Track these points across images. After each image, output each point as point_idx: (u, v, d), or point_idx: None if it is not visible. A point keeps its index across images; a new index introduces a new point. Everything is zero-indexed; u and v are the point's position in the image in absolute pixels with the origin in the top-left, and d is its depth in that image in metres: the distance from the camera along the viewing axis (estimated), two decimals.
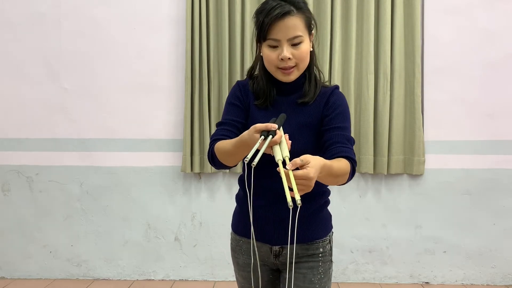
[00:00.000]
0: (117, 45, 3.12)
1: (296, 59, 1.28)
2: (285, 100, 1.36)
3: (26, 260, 3.22)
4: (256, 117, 1.36)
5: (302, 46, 1.27)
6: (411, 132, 3.00)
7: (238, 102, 1.39)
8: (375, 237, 3.11)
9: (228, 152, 1.26)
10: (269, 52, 1.28)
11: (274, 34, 1.25)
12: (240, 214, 1.46)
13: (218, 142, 1.31)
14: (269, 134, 1.11)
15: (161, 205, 3.17)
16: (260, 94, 1.37)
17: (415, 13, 2.94)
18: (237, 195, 1.50)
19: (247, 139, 1.16)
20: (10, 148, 3.19)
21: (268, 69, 1.33)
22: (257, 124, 1.14)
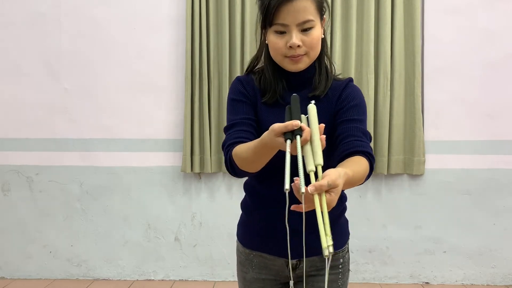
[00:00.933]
0: (117, 45, 3.12)
1: (307, 46, 1.13)
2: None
3: (26, 260, 3.22)
4: (265, 117, 1.21)
5: (313, 32, 1.12)
6: (411, 132, 3.00)
7: (243, 97, 1.22)
8: (375, 237, 3.11)
9: (250, 160, 1.08)
10: (275, 39, 1.13)
11: (282, 18, 1.10)
12: (250, 225, 1.31)
13: (235, 148, 1.12)
14: (295, 134, 0.90)
15: (161, 205, 3.17)
16: (267, 88, 1.21)
17: (415, 13, 2.94)
18: (244, 203, 1.34)
19: (268, 142, 0.97)
20: (10, 148, 3.19)
21: (275, 58, 1.18)
22: (274, 124, 0.94)
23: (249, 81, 1.25)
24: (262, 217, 1.25)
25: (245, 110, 1.21)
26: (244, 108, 1.21)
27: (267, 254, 1.26)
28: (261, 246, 1.26)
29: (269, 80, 1.21)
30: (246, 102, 1.22)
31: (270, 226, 1.22)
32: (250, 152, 1.06)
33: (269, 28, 1.14)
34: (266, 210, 1.23)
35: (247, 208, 1.32)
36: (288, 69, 1.18)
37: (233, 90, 1.24)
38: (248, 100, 1.22)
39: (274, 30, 1.13)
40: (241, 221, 1.36)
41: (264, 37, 1.20)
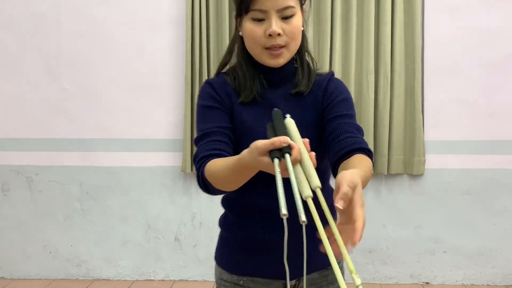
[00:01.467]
0: (117, 45, 3.12)
1: (287, 35, 1.02)
2: (275, 93, 1.10)
3: (26, 260, 3.22)
4: (244, 118, 1.08)
5: (294, 20, 1.02)
6: (411, 132, 3.00)
7: (216, 103, 1.08)
8: (375, 237, 3.11)
9: (226, 180, 0.94)
10: (253, 26, 1.02)
11: (260, 3, 0.99)
12: (235, 245, 1.13)
13: (208, 164, 0.97)
14: (283, 152, 0.76)
15: (161, 205, 3.17)
16: (242, 86, 1.08)
17: (415, 13, 2.94)
18: (225, 220, 1.17)
19: (249, 162, 0.83)
20: (10, 148, 3.19)
21: (251, 50, 1.06)
22: (256, 141, 0.79)
23: (221, 83, 1.12)
24: (250, 235, 1.09)
25: (218, 117, 1.07)
26: (217, 115, 1.07)
27: (261, 278, 1.10)
28: (253, 269, 1.10)
29: (243, 77, 1.09)
30: (219, 108, 1.08)
31: (261, 244, 1.08)
32: (228, 172, 0.91)
33: (245, 15, 1.03)
34: (254, 226, 1.08)
35: (230, 226, 1.15)
36: (266, 64, 1.07)
37: (204, 95, 1.11)
38: (221, 105, 1.08)
39: (251, 17, 1.02)
40: (223, 242, 1.18)
41: (238, 29, 1.09)
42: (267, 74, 1.10)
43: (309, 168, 0.77)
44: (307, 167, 0.77)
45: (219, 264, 1.18)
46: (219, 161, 0.96)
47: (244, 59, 1.10)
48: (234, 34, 1.12)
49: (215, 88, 1.10)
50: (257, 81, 1.09)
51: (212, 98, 1.09)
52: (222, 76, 1.14)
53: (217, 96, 1.09)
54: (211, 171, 0.95)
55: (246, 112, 1.08)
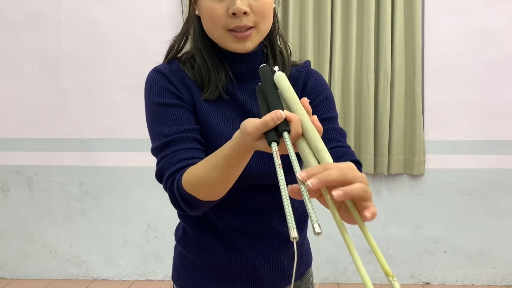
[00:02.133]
0: (117, 45, 3.12)
1: (256, 14, 0.82)
2: (241, 89, 0.91)
3: (25, 260, 3.22)
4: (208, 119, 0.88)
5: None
6: (411, 132, 3.00)
7: (176, 99, 0.87)
8: (375, 237, 3.09)
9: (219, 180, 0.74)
10: (212, 3, 0.81)
11: None
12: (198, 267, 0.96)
13: (184, 176, 0.78)
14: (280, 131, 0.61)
15: (161, 205, 3.16)
16: (205, 80, 0.88)
17: (415, 13, 2.94)
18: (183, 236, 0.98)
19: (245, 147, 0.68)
20: (10, 148, 3.19)
21: (211, 33, 0.86)
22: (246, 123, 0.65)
23: (176, 73, 0.90)
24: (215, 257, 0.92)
25: (181, 118, 0.84)
26: (179, 115, 0.84)
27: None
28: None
29: (205, 67, 0.88)
30: (179, 105, 0.86)
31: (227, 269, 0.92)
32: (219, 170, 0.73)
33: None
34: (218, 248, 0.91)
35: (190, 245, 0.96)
36: (231, 49, 0.87)
37: (155, 89, 0.88)
38: (181, 101, 0.86)
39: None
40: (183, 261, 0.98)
41: (193, 6, 0.88)
42: (232, 63, 0.90)
43: (315, 141, 0.61)
44: (313, 140, 0.61)
45: (177, 284, 1.01)
46: (198, 165, 0.77)
47: (204, 45, 0.89)
48: (189, 13, 0.90)
49: (170, 79, 0.89)
50: (222, 73, 0.89)
51: (169, 92, 0.87)
52: (176, 63, 0.92)
53: (174, 89, 0.87)
54: (193, 181, 0.76)
55: (211, 111, 0.88)
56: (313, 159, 0.60)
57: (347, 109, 2.99)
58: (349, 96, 2.98)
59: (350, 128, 2.95)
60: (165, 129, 0.82)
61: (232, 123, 0.86)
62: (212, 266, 0.93)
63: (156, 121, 0.84)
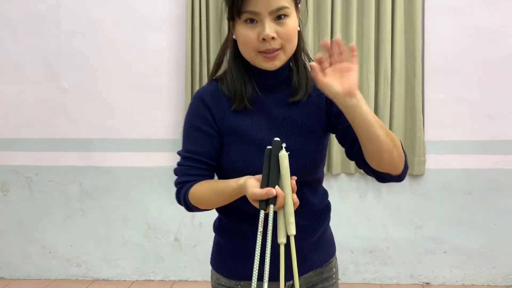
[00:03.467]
0: (117, 45, 3.12)
1: (282, 38, 0.98)
2: (270, 99, 1.07)
3: (25, 260, 3.21)
4: (239, 124, 1.06)
5: (289, 21, 0.98)
6: (411, 132, 3.00)
7: (203, 124, 1.07)
8: (375, 237, 3.10)
9: (211, 202, 1.04)
10: (246, 30, 0.98)
11: (252, 5, 0.95)
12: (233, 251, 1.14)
13: (192, 189, 1.04)
14: (268, 203, 0.89)
15: (161, 206, 3.17)
16: (232, 93, 1.06)
17: (416, 13, 2.94)
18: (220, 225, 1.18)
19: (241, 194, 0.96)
20: (9, 148, 3.19)
21: (246, 55, 1.02)
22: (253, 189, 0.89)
23: (213, 94, 1.08)
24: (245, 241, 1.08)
25: (203, 141, 1.06)
26: (202, 139, 1.07)
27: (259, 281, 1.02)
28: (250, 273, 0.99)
29: (232, 84, 1.05)
30: (205, 131, 1.06)
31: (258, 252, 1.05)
32: (217, 197, 1.01)
33: (238, 19, 0.99)
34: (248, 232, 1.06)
35: (225, 232, 1.16)
36: (261, 67, 1.03)
37: (193, 112, 1.09)
38: (208, 127, 1.06)
39: (243, 20, 0.98)
40: (219, 248, 1.20)
41: (231, 32, 1.05)
42: (261, 77, 1.06)
43: (288, 215, 0.91)
44: (287, 214, 0.91)
45: (216, 269, 1.20)
46: (203, 187, 1.03)
47: (235, 63, 1.06)
48: (226, 37, 1.08)
49: (206, 103, 1.07)
50: (249, 87, 1.06)
51: (201, 118, 1.07)
52: (214, 84, 1.10)
53: (206, 113, 1.07)
54: (197, 197, 1.04)
55: (241, 118, 1.06)
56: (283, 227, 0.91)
57: None
58: None
59: None
60: (189, 145, 1.08)
61: (259, 128, 1.05)
62: (244, 251, 1.08)
63: (187, 135, 1.10)
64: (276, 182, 0.91)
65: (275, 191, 0.88)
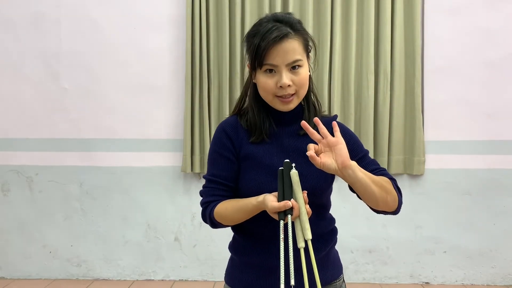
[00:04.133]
0: (117, 45, 3.12)
1: (296, 85, 1.16)
2: (284, 131, 1.24)
3: (26, 260, 3.22)
4: (254, 152, 1.22)
5: (302, 71, 1.16)
6: (411, 132, 3.00)
7: (225, 151, 1.23)
8: (375, 237, 3.11)
9: (233, 219, 1.18)
10: (265, 79, 1.16)
11: (272, 59, 1.13)
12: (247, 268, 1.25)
13: (217, 207, 1.20)
14: (286, 214, 1.03)
15: (161, 205, 3.17)
16: (253, 128, 1.23)
17: (415, 13, 2.94)
18: (235, 245, 1.29)
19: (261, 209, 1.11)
20: (10, 148, 3.19)
21: (265, 98, 1.20)
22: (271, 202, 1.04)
23: (234, 126, 1.26)
24: (258, 259, 1.21)
25: (226, 167, 1.23)
26: (224, 164, 1.23)
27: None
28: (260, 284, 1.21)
29: (254, 120, 1.23)
30: (227, 157, 1.23)
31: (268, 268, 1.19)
32: (236, 216, 1.16)
33: (259, 69, 1.16)
34: (262, 251, 1.20)
35: (239, 250, 1.27)
36: (278, 109, 1.21)
37: (216, 141, 1.26)
38: (229, 154, 1.23)
39: (263, 70, 1.16)
40: (232, 264, 1.30)
41: (251, 77, 1.22)
42: (277, 115, 1.24)
43: (304, 222, 1.05)
44: (303, 222, 1.05)
45: (228, 283, 1.30)
46: (226, 205, 1.19)
47: (256, 103, 1.24)
48: (248, 80, 1.26)
49: (228, 133, 1.25)
50: (266, 123, 1.23)
51: (223, 146, 1.24)
52: (235, 118, 1.28)
53: (228, 143, 1.24)
54: (221, 214, 1.19)
55: (257, 148, 1.23)
56: (301, 233, 1.05)
57: (347, 109, 2.99)
58: (349, 96, 2.98)
59: (350, 128, 2.95)
60: (213, 169, 1.25)
61: (271, 155, 1.21)
62: (254, 265, 1.22)
63: (212, 161, 1.26)
64: (291, 196, 1.06)
65: (291, 203, 1.03)
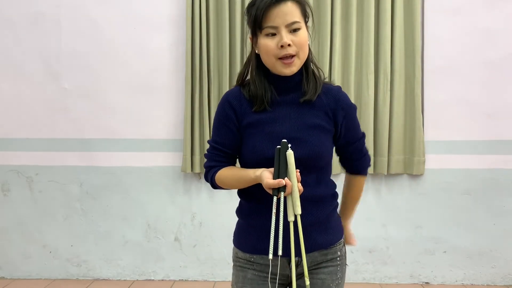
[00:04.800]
0: (117, 45, 3.12)
1: (296, 46, 1.22)
2: (285, 100, 1.30)
3: (26, 260, 3.22)
4: (256, 123, 1.29)
5: (301, 32, 1.22)
6: (411, 132, 3.00)
7: (227, 121, 1.31)
8: (375, 237, 3.11)
9: (232, 186, 1.31)
10: (267, 41, 1.22)
11: (271, 21, 1.20)
12: (249, 230, 1.35)
13: (218, 173, 1.32)
14: (279, 190, 1.15)
15: (161, 205, 3.17)
16: (255, 97, 1.29)
17: (415, 13, 2.94)
18: (241, 209, 1.40)
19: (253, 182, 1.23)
20: (10, 148, 3.19)
21: (267, 62, 1.26)
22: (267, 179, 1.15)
23: (237, 96, 1.32)
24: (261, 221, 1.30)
25: (228, 136, 1.32)
26: (226, 133, 1.32)
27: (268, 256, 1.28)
28: (263, 248, 1.27)
29: (255, 90, 1.28)
30: (229, 127, 1.32)
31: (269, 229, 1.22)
32: (234, 182, 1.29)
33: (260, 33, 1.23)
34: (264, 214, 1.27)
35: (244, 213, 1.38)
36: (280, 73, 1.25)
37: (220, 111, 1.34)
38: (231, 123, 1.31)
39: (265, 33, 1.22)
40: (239, 227, 1.41)
41: (254, 46, 1.29)
42: (278, 82, 1.29)
43: (295, 199, 1.17)
44: (295, 198, 1.17)
45: (236, 245, 1.40)
46: (227, 173, 1.31)
47: (258, 73, 1.30)
48: (250, 52, 1.32)
49: (231, 103, 1.32)
50: (268, 93, 1.29)
51: (226, 116, 1.32)
52: (238, 88, 1.34)
53: (231, 113, 1.31)
54: (221, 179, 1.32)
55: (259, 116, 1.29)
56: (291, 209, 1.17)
57: None
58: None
59: None
60: (216, 137, 1.34)
61: (272, 124, 1.28)
62: (257, 227, 1.31)
63: (215, 128, 1.35)
64: (285, 175, 1.16)
65: (284, 181, 1.13)
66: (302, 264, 1.25)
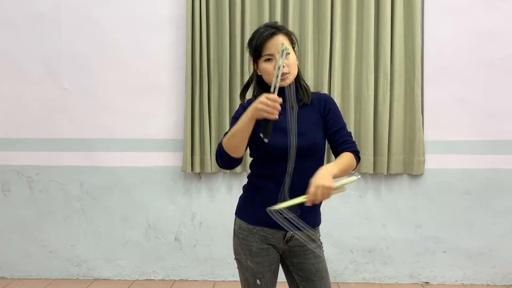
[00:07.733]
0: (117, 45, 3.12)
1: (288, 66, 1.54)
2: (285, 104, 1.55)
3: (26, 260, 3.22)
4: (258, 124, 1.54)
5: (291, 56, 1.55)
6: (411, 132, 3.00)
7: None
8: (375, 237, 3.11)
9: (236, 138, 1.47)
10: (266, 65, 1.56)
11: (268, 49, 1.55)
12: (253, 203, 1.59)
13: (223, 139, 1.53)
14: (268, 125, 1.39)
15: (161, 205, 3.17)
16: None
17: (415, 13, 2.94)
18: (248, 186, 1.65)
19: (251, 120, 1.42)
20: (10, 148, 3.19)
21: (268, 80, 1.57)
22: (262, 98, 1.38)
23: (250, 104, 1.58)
24: (265, 197, 1.54)
25: None
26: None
27: (268, 228, 1.57)
28: (264, 221, 1.53)
29: None
30: None
31: (271, 205, 1.45)
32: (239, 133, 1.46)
33: (259, 60, 1.57)
34: (269, 191, 1.54)
35: (251, 189, 1.62)
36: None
37: (237, 112, 1.63)
38: None
39: (264, 59, 1.56)
40: (244, 200, 1.66)
41: (255, 69, 1.62)
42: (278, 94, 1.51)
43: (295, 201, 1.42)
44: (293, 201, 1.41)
45: (239, 216, 1.64)
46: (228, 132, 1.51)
47: (259, 89, 1.62)
48: (253, 73, 1.66)
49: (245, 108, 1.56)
50: None
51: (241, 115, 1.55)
52: (250, 102, 1.62)
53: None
54: (227, 141, 1.49)
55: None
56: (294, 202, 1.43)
57: (347, 109, 2.99)
58: (348, 96, 2.98)
59: (350, 128, 2.96)
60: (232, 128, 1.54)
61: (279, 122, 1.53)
62: (263, 202, 1.52)
63: (231, 123, 1.58)
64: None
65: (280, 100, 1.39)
66: (294, 239, 1.58)
